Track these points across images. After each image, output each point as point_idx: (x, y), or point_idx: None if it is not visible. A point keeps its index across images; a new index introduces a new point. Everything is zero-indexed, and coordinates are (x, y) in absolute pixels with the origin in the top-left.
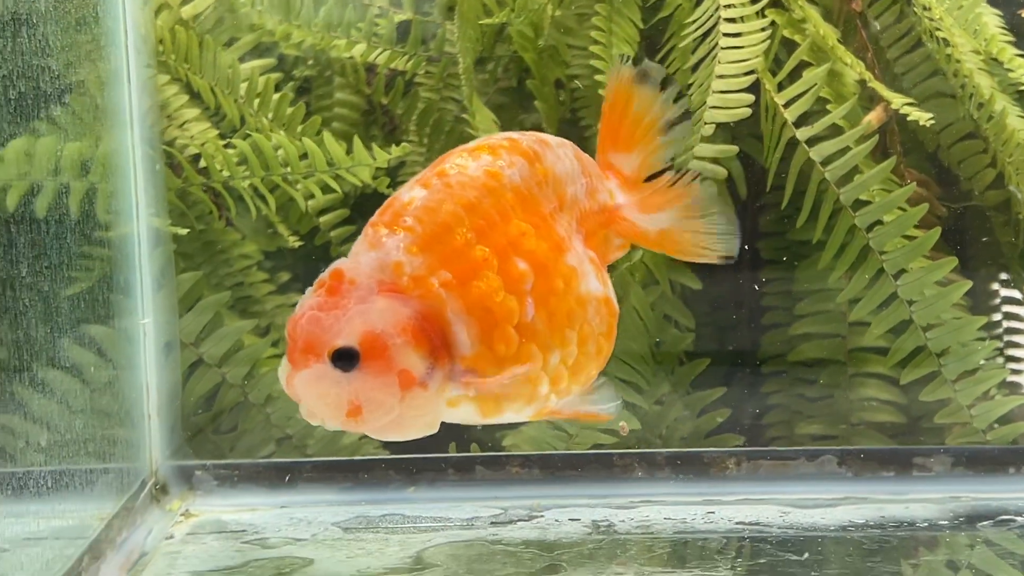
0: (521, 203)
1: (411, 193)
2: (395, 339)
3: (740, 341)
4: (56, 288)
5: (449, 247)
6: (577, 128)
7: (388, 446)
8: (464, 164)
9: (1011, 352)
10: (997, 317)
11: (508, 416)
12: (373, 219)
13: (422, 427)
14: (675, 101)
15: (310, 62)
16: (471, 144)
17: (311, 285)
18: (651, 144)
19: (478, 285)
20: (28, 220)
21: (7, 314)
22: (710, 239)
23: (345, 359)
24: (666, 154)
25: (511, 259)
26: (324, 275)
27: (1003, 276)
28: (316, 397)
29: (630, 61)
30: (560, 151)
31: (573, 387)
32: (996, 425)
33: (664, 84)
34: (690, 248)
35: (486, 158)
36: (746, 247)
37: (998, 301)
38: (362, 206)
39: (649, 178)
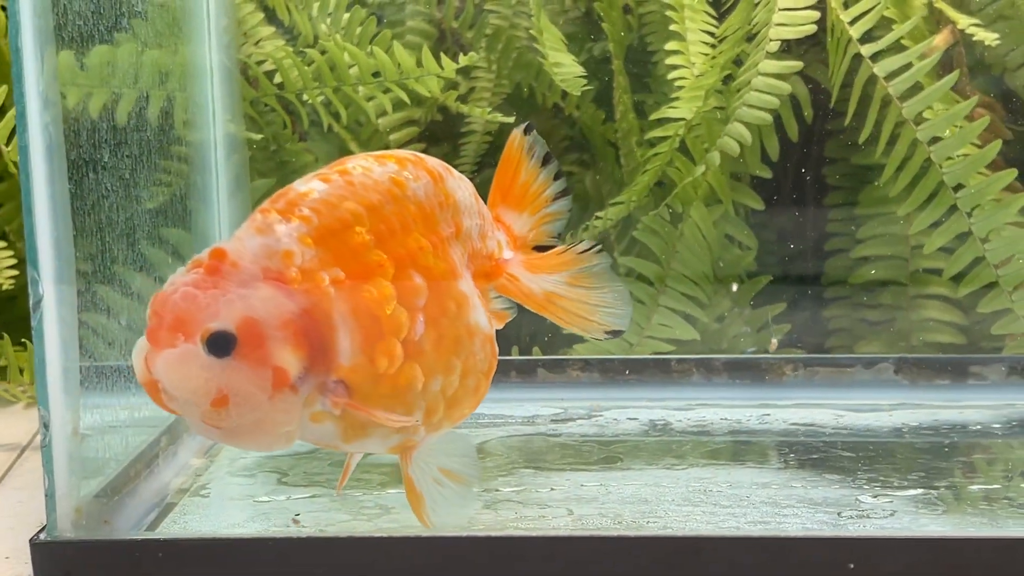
0: (422, 219)
1: (309, 185)
2: (275, 332)
3: (802, 262)
4: (135, 192)
5: (345, 245)
6: (644, 53)
7: None
8: (368, 167)
9: None
10: None
11: (372, 443)
12: (263, 206)
13: (281, 438)
14: (555, 179)
15: None
16: (376, 152)
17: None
18: (539, 211)
19: (370, 290)
20: (110, 125)
21: (89, 216)
22: (598, 311)
23: (220, 343)
24: (553, 227)
25: (407, 271)
26: (202, 255)
27: None
28: (180, 380)
29: (526, 130)
30: (461, 183)
31: (445, 423)
32: None
33: (545, 160)
34: (577, 317)
35: (392, 166)
36: (811, 170)
37: None
38: (433, 134)
39: (538, 249)
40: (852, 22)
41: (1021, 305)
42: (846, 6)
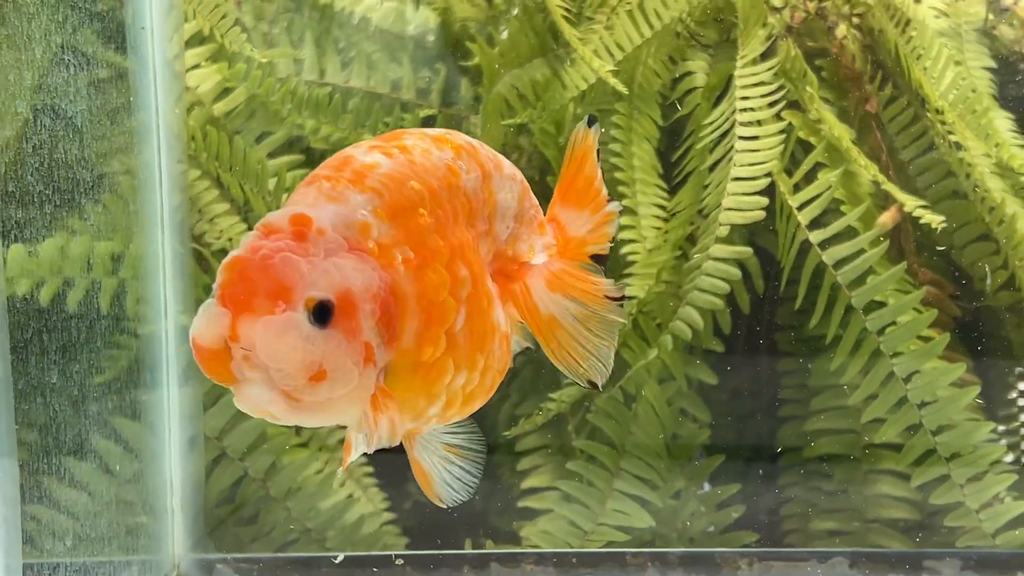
0: (467, 213)
1: (372, 157)
2: (365, 304)
3: (756, 436)
4: (85, 383)
5: (413, 224)
6: None
7: (408, 535)
8: (428, 149)
9: None
10: (1013, 419)
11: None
12: (323, 172)
13: (354, 417)
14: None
15: None
16: (431, 130)
17: None
18: (600, 210)
19: (431, 276)
20: (60, 315)
21: (38, 402)
22: (586, 358)
23: (323, 313)
24: (610, 230)
25: (457, 261)
26: (276, 219)
27: (1019, 372)
28: (284, 351)
29: (589, 124)
30: (507, 183)
31: (455, 417)
32: (1005, 529)
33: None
34: (568, 356)
35: (448, 153)
36: (764, 340)
37: (1014, 396)
38: None
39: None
40: (800, 207)
41: (973, 499)
42: (797, 188)
